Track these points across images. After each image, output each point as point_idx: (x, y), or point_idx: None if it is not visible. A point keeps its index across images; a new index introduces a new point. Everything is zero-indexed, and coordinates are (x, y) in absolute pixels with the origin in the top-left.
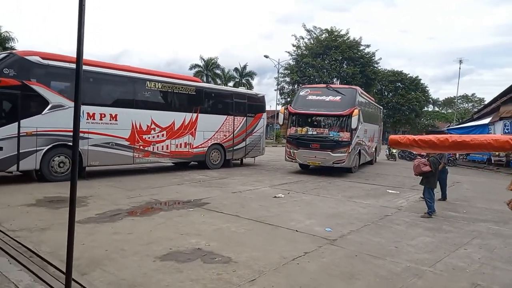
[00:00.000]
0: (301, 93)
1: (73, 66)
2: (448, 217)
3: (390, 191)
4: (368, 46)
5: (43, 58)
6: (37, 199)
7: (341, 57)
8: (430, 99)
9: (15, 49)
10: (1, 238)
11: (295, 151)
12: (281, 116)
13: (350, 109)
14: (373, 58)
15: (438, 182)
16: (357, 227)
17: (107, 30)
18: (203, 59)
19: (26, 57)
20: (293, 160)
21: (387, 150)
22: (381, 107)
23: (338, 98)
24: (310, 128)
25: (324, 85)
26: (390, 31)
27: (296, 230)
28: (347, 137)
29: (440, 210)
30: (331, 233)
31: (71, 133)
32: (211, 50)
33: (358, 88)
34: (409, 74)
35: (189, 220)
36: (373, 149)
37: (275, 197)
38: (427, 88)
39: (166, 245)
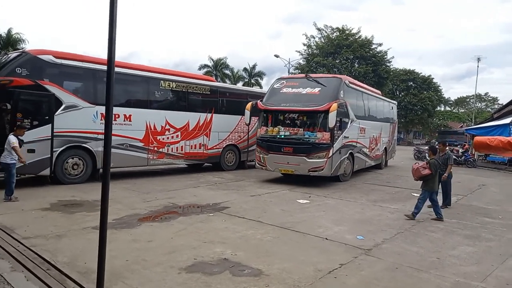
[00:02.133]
0: (275, 86)
1: (87, 65)
2: (484, 223)
3: (415, 194)
4: (380, 44)
5: (56, 57)
6: (51, 203)
7: (352, 56)
8: (443, 99)
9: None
10: (16, 248)
11: (265, 156)
12: (247, 114)
13: (329, 103)
14: (385, 57)
15: (441, 187)
16: (390, 234)
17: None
18: (212, 59)
19: (39, 56)
20: (264, 167)
21: (417, 155)
22: (395, 102)
23: (317, 90)
24: (283, 128)
25: (303, 75)
26: (398, 30)
27: (326, 238)
28: (326, 138)
29: (474, 215)
30: (363, 242)
31: (86, 134)
32: (219, 50)
33: (345, 77)
34: (421, 73)
35: (210, 226)
36: (381, 151)
37: (298, 201)
38: (439, 88)
39: (190, 254)
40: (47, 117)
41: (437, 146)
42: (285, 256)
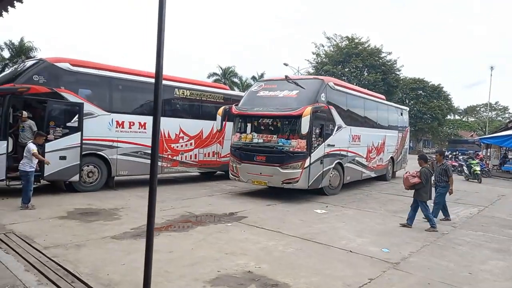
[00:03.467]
0: (252, 89)
1: (103, 73)
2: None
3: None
4: (389, 53)
5: (73, 65)
6: (68, 211)
7: (361, 65)
8: (453, 108)
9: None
10: (38, 258)
11: (238, 165)
12: (218, 119)
13: (304, 107)
14: (395, 65)
15: (434, 198)
16: (416, 247)
17: (123, 44)
18: (221, 68)
19: (56, 64)
20: (237, 178)
21: (465, 168)
22: (406, 108)
23: (294, 93)
24: (256, 135)
25: (283, 77)
26: (403, 38)
27: (350, 251)
28: (302, 146)
29: (499, 228)
30: (390, 255)
31: (101, 142)
32: (226, 58)
33: (328, 79)
34: (430, 81)
35: (230, 237)
36: (385, 162)
37: (316, 211)
38: (449, 96)
39: (213, 266)
40: (77, 125)
41: (434, 156)
42: (311, 269)
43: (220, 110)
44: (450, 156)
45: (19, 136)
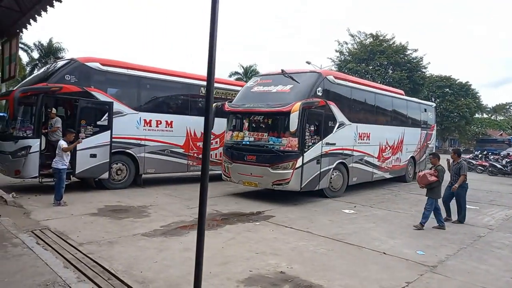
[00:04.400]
0: (248, 84)
1: (131, 72)
2: None
3: (468, 206)
4: (415, 50)
5: (103, 64)
6: (99, 208)
7: (386, 62)
8: (481, 106)
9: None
10: (74, 255)
11: (229, 165)
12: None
13: (294, 102)
14: (421, 62)
15: (456, 200)
16: (452, 250)
17: (144, 43)
18: (242, 67)
19: (87, 64)
20: (229, 179)
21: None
22: (431, 104)
23: (288, 88)
24: (248, 133)
25: (279, 72)
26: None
27: (384, 253)
28: (293, 145)
29: None
30: (425, 258)
31: (129, 140)
32: (248, 57)
33: (327, 72)
34: (458, 79)
35: (259, 236)
36: (403, 162)
37: (344, 212)
38: (478, 94)
39: (245, 266)
40: (107, 124)
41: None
42: (345, 271)
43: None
44: (480, 155)
45: (48, 133)
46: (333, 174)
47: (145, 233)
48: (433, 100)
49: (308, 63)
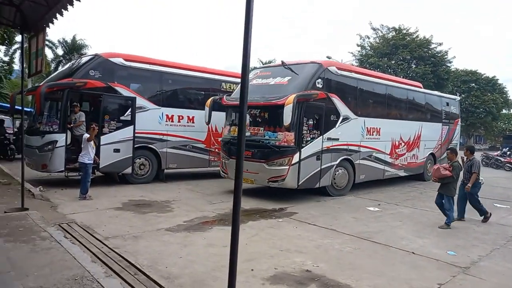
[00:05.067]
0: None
1: (154, 67)
2: None
3: (498, 205)
4: (440, 44)
5: (126, 60)
6: (123, 203)
7: (409, 57)
8: (509, 101)
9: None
10: (101, 249)
11: (226, 161)
12: (206, 111)
13: (290, 95)
14: (446, 56)
15: (467, 198)
16: (485, 251)
17: (149, 41)
18: (261, 62)
19: (111, 59)
20: (226, 175)
21: (485, 161)
22: (455, 97)
23: (286, 79)
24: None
25: (279, 63)
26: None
27: (413, 252)
28: (289, 140)
29: None
30: (457, 258)
31: (152, 135)
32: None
33: (329, 62)
34: (484, 73)
35: (283, 233)
36: (420, 158)
37: (368, 209)
38: (505, 89)
39: (269, 263)
40: (130, 119)
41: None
42: (373, 270)
43: (208, 102)
44: (508, 153)
45: (73, 128)
46: (337, 171)
47: (169, 228)
48: (458, 95)
49: (329, 57)
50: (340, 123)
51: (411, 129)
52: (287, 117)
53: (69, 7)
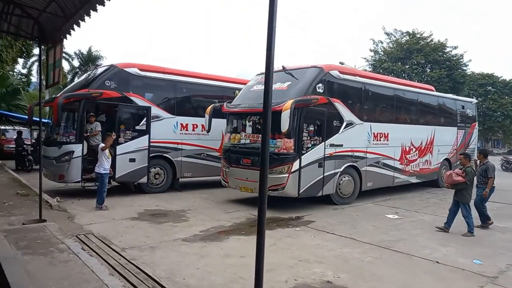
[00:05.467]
0: (248, 83)
1: (168, 77)
2: None
3: None
4: (455, 47)
5: (141, 70)
6: (139, 213)
7: (424, 61)
8: None
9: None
10: (118, 261)
11: (227, 169)
12: (206, 118)
13: (288, 101)
14: (461, 60)
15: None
16: None
17: (149, 42)
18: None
19: (126, 69)
20: (227, 184)
21: (505, 165)
22: (471, 100)
23: (286, 85)
24: (244, 135)
25: (280, 68)
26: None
27: (437, 262)
28: (288, 147)
29: None
30: (483, 268)
31: (166, 144)
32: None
33: (330, 66)
34: (501, 76)
35: (301, 242)
36: (434, 164)
37: (387, 217)
38: None
39: (289, 274)
40: (145, 128)
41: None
42: (396, 281)
43: (208, 109)
44: None
45: (89, 137)
46: (342, 179)
47: (185, 238)
48: (474, 99)
49: (342, 63)
50: (344, 128)
51: (423, 133)
52: (285, 123)
53: (86, 17)
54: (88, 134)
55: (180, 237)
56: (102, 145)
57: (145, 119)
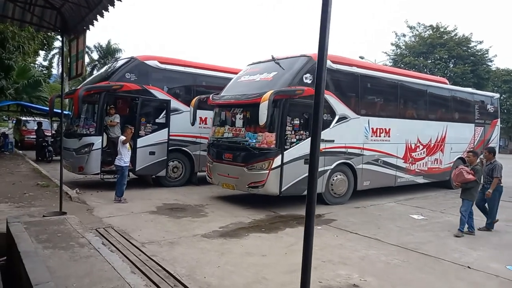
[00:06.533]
0: (238, 74)
1: (188, 69)
2: None
3: None
4: (480, 42)
5: (161, 62)
6: (157, 206)
7: (447, 56)
8: None
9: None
10: (138, 257)
11: (210, 164)
12: (190, 111)
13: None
14: (486, 55)
15: (487, 203)
16: None
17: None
18: None
19: (146, 62)
20: (211, 180)
21: None
22: (492, 95)
23: (271, 75)
24: (227, 128)
25: (270, 58)
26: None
27: (469, 267)
28: (269, 141)
29: None
30: None
31: (185, 138)
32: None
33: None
34: None
35: (323, 242)
36: (445, 164)
37: (412, 217)
38: None
39: (313, 276)
40: (165, 121)
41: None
42: (426, 287)
43: (193, 101)
44: None
45: (108, 130)
46: (334, 177)
47: (204, 234)
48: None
49: (362, 58)
50: (336, 123)
51: (432, 130)
52: (263, 115)
53: (109, 7)
54: (106, 123)
55: (199, 232)
56: (122, 137)
57: (164, 112)
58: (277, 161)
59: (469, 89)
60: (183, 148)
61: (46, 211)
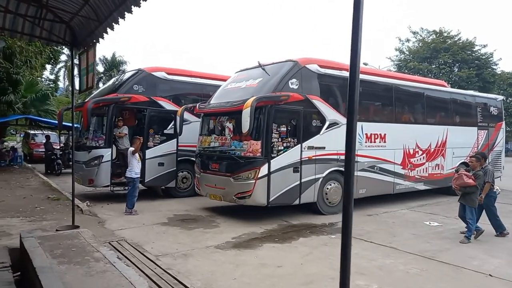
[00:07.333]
0: (226, 81)
1: (195, 80)
2: None
3: None
4: (484, 46)
5: (168, 74)
6: (168, 218)
7: (451, 60)
8: None
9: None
10: (154, 270)
11: (198, 175)
12: (176, 120)
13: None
14: (491, 59)
15: (485, 212)
16: None
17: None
18: None
19: (154, 73)
20: (199, 191)
21: None
22: (496, 97)
23: (256, 81)
24: (214, 137)
25: (257, 65)
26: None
27: (490, 275)
28: (255, 150)
29: None
30: None
31: (193, 148)
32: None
33: (307, 60)
34: None
35: (338, 251)
36: (448, 169)
37: (426, 224)
38: None
39: (331, 287)
40: (173, 132)
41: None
42: None
43: (179, 110)
44: None
45: (117, 142)
46: (328, 186)
47: (217, 246)
48: (504, 99)
49: (365, 64)
50: (326, 129)
51: (432, 134)
52: (245, 123)
53: (120, 20)
54: (115, 135)
55: (212, 244)
56: (132, 149)
57: (173, 123)
58: (263, 170)
59: (470, 92)
60: (192, 159)
61: (58, 225)
